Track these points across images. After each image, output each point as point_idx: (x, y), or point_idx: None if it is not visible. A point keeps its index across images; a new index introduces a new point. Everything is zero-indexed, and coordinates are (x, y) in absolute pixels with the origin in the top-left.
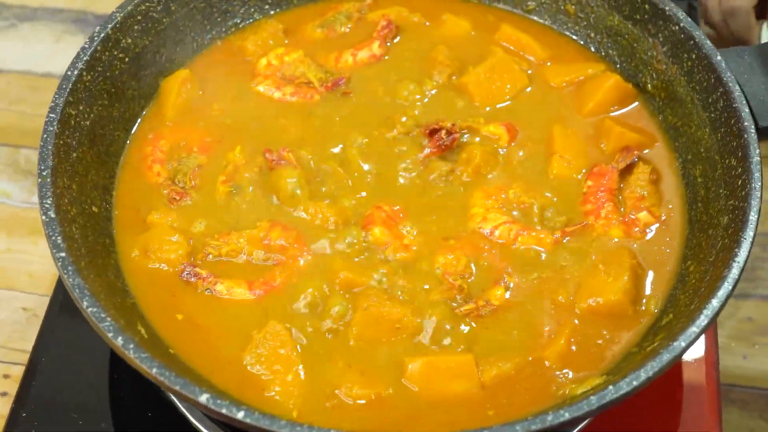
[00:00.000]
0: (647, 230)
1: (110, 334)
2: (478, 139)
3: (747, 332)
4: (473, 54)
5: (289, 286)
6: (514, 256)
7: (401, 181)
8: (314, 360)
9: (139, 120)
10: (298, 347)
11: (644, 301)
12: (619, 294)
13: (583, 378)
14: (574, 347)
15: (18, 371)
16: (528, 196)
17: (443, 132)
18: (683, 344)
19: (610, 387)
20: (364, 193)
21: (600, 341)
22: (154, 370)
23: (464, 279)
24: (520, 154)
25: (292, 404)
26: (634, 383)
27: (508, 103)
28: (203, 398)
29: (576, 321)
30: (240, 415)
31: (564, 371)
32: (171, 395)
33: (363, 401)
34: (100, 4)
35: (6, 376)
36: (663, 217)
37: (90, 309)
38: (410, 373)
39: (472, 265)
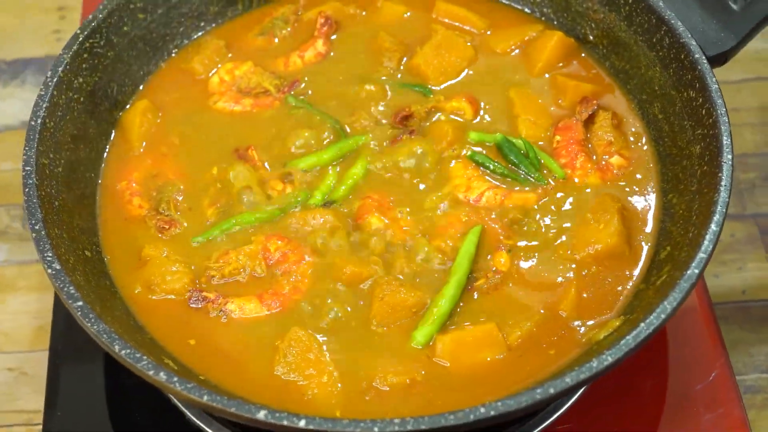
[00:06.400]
0: (622, 172)
1: (151, 372)
2: (443, 116)
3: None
4: (416, 35)
5: (299, 291)
6: (505, 220)
7: (379, 168)
8: (343, 357)
9: (104, 156)
10: (324, 348)
11: (641, 238)
12: (614, 237)
13: (602, 322)
14: (585, 294)
15: None
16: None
17: (407, 120)
18: (697, 271)
19: (641, 324)
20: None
21: (608, 285)
22: (206, 398)
23: None
24: (487, 122)
25: (333, 403)
26: (663, 316)
27: (461, 77)
28: (261, 414)
29: (580, 270)
30: (302, 423)
31: (582, 319)
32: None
33: (400, 387)
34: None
35: None
36: (633, 158)
37: (123, 351)
38: (440, 351)
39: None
